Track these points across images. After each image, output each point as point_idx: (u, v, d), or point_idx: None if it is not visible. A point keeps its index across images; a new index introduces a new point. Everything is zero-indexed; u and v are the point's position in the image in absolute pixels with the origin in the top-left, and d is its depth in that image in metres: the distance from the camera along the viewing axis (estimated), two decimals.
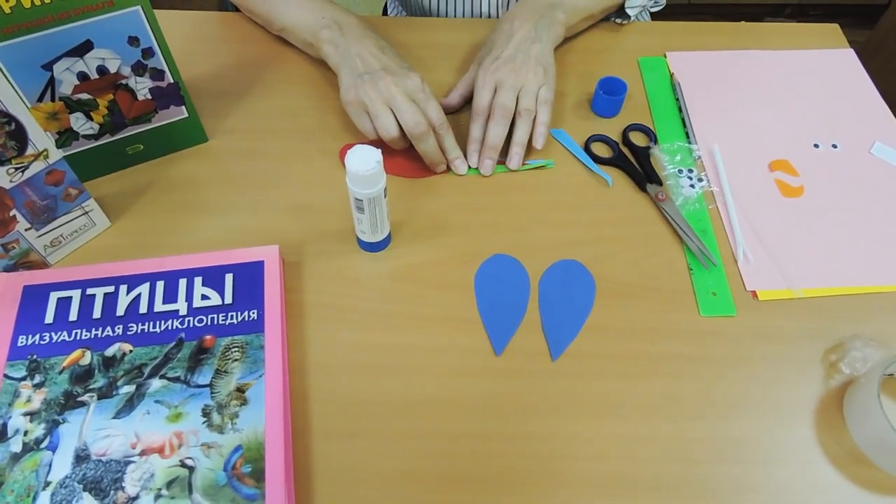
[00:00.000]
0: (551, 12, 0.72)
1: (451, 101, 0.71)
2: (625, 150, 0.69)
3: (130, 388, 0.49)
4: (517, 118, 0.65)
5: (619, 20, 0.82)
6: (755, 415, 0.51)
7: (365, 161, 0.51)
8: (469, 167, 0.66)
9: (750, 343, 0.55)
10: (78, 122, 0.59)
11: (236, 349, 0.51)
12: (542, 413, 0.51)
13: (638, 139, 0.70)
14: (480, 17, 0.87)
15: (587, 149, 0.68)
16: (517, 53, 0.67)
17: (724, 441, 0.50)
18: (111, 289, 0.54)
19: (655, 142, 0.69)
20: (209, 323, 0.52)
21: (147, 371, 0.50)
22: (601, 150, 0.69)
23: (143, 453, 0.46)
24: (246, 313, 0.53)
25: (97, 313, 0.52)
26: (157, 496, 0.44)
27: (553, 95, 0.67)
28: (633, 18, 0.82)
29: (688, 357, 0.54)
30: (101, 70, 0.57)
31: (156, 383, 0.49)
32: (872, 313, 0.57)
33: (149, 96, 0.61)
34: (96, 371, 0.50)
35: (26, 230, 0.54)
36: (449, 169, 0.66)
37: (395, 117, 0.62)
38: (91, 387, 0.49)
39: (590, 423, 0.51)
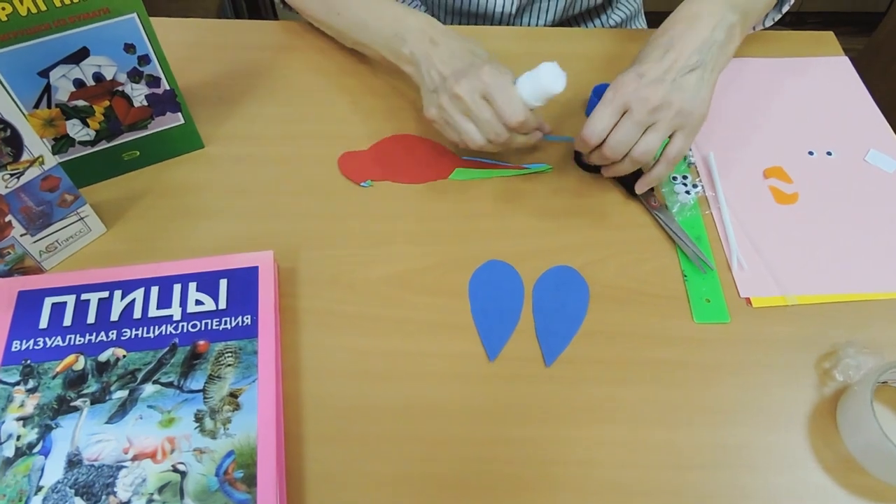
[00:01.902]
0: (730, 17, 0.59)
1: (589, 137, 0.57)
2: None
3: (123, 394, 0.49)
4: (627, 157, 0.57)
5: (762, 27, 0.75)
6: (748, 421, 0.51)
7: (556, 79, 0.55)
8: (460, 171, 0.66)
9: (744, 350, 0.55)
10: (74, 128, 0.59)
11: (230, 354, 0.51)
12: (535, 418, 0.51)
13: None
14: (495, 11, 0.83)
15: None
16: (666, 76, 0.55)
17: (717, 447, 0.50)
18: (105, 294, 0.54)
19: None
20: (203, 328, 0.52)
21: (140, 376, 0.50)
22: None
23: (135, 458, 0.46)
24: (240, 319, 0.53)
25: (91, 318, 0.53)
26: (149, 501, 0.44)
27: (686, 148, 0.58)
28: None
29: (681, 363, 0.54)
30: (98, 77, 0.57)
31: (149, 388, 0.49)
32: (866, 321, 0.57)
33: (145, 103, 0.61)
34: (90, 376, 0.50)
35: (21, 236, 0.54)
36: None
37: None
38: (84, 392, 0.49)
39: (583, 429, 0.51)
